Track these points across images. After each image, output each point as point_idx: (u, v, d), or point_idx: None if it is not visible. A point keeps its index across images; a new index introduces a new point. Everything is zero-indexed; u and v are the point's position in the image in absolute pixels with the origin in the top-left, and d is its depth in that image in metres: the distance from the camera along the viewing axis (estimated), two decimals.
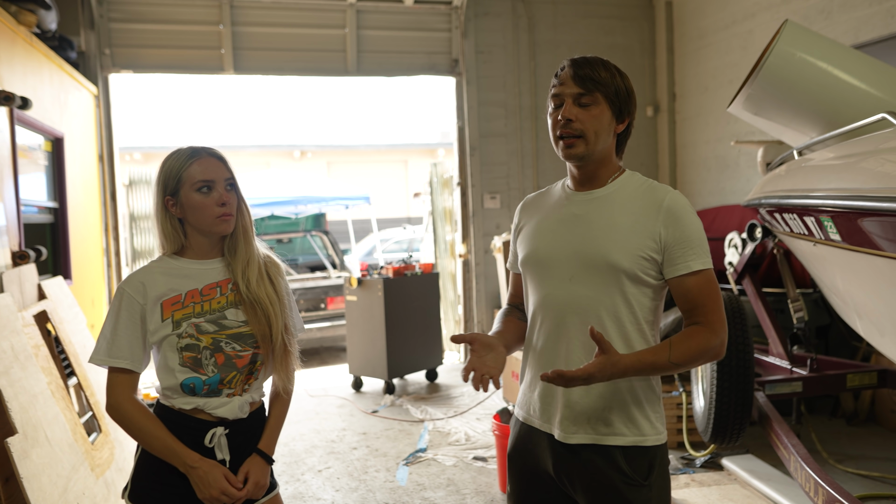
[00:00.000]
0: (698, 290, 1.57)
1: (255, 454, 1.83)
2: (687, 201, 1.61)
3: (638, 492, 1.58)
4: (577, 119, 1.59)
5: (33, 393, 3.05)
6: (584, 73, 1.59)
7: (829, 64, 2.79)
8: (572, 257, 1.62)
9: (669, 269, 1.58)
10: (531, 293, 1.72)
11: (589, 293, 1.60)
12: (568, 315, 1.62)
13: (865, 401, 4.59)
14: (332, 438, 4.79)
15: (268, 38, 6.30)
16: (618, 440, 1.60)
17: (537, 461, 1.70)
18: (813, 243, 2.59)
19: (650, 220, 1.57)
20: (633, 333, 1.60)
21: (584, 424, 1.61)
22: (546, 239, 1.68)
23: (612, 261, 1.57)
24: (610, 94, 1.60)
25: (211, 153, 1.80)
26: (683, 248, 1.56)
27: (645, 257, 1.57)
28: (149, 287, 1.75)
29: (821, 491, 2.54)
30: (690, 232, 1.57)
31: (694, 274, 1.56)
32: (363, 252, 11.83)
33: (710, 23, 6.43)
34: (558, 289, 1.63)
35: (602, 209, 1.63)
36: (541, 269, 1.67)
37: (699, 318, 1.57)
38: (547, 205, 1.75)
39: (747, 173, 6.02)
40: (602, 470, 1.59)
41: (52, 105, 4.56)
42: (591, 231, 1.61)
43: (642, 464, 1.59)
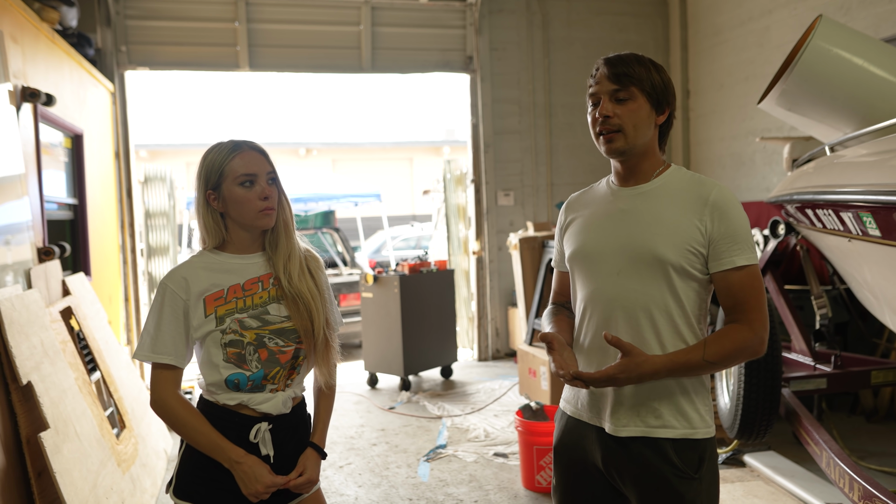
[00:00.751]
0: (741, 286, 1.57)
1: (311, 448, 1.83)
2: (734, 196, 1.60)
3: (689, 484, 1.58)
4: (615, 114, 1.60)
5: (63, 388, 3.06)
6: (619, 71, 1.60)
7: (864, 59, 2.79)
8: (620, 251, 1.62)
9: (714, 264, 1.58)
10: (579, 289, 1.72)
11: (637, 287, 1.60)
12: (616, 310, 1.62)
13: (885, 398, 4.59)
14: (350, 435, 4.80)
15: (283, 35, 6.30)
16: (668, 433, 1.59)
17: (585, 454, 1.70)
18: (848, 239, 2.59)
19: (696, 214, 1.58)
20: (683, 327, 1.60)
21: (635, 417, 1.61)
22: (593, 234, 1.69)
23: (660, 254, 1.57)
24: (646, 88, 1.61)
25: (252, 147, 1.79)
26: (729, 243, 1.56)
27: (692, 251, 1.57)
28: (191, 282, 1.74)
29: (856, 486, 2.54)
30: (737, 227, 1.57)
31: (738, 269, 1.56)
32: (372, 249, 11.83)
33: (725, 19, 6.42)
34: (606, 283, 1.64)
35: (649, 204, 1.63)
36: (588, 264, 1.68)
37: (738, 316, 1.57)
38: (592, 202, 1.76)
39: (763, 170, 6.02)
40: (652, 463, 1.59)
41: (73, 102, 4.57)
42: (639, 225, 1.61)
43: (693, 457, 1.59)
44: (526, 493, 3.72)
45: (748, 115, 6.14)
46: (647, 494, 1.61)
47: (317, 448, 1.85)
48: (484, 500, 3.64)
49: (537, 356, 5.24)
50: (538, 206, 6.95)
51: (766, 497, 3.47)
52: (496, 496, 3.68)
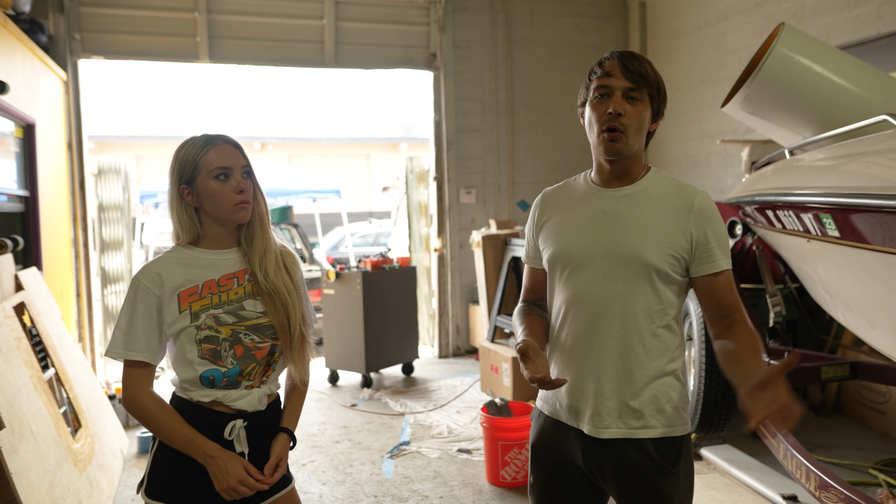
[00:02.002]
0: (728, 289, 1.63)
1: (282, 433, 1.82)
2: (713, 202, 1.65)
3: (667, 479, 1.62)
4: (626, 114, 1.59)
5: (17, 386, 2.96)
6: (634, 68, 1.59)
7: (824, 67, 2.90)
8: (605, 255, 1.63)
9: (698, 268, 1.62)
10: (560, 290, 1.72)
11: (622, 290, 1.61)
12: (601, 313, 1.63)
13: (832, 392, 4.78)
14: (312, 432, 4.76)
15: (244, 27, 6.19)
16: (649, 433, 1.63)
17: (564, 452, 1.72)
18: (807, 239, 2.69)
19: (681, 220, 1.61)
20: (662, 329, 1.64)
21: (616, 419, 1.63)
22: (576, 235, 1.68)
23: (646, 259, 1.59)
24: (653, 93, 1.62)
25: (226, 140, 1.77)
26: (713, 248, 1.61)
27: (675, 256, 1.60)
28: (165, 278, 1.71)
29: (813, 476, 2.65)
30: (719, 232, 1.62)
31: (722, 273, 1.62)
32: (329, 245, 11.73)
33: (683, 24, 6.58)
34: (591, 286, 1.64)
35: (633, 207, 1.64)
36: (572, 267, 1.67)
37: (737, 316, 1.63)
38: (570, 200, 1.74)
39: (718, 172, 6.19)
40: (633, 459, 1.63)
41: (25, 90, 4.40)
42: (625, 229, 1.62)
43: (671, 452, 1.63)
44: (490, 488, 3.75)
45: (704, 118, 6.30)
46: (627, 490, 1.64)
47: (289, 433, 1.84)
48: (449, 495, 3.66)
49: (499, 353, 5.28)
50: (500, 205, 7.00)
51: (722, 489, 3.58)
52: (461, 492, 3.71)
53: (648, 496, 1.63)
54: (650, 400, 1.63)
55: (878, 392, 4.35)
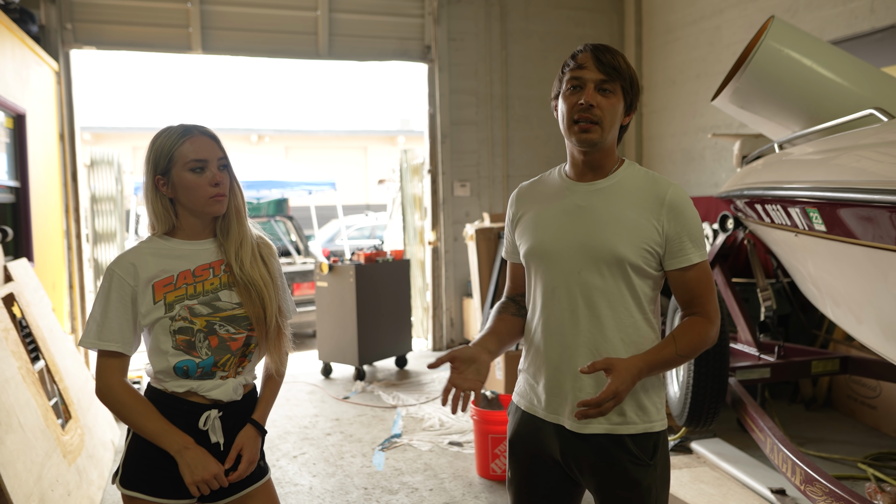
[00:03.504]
0: (697, 282, 1.63)
1: (249, 424, 1.81)
2: (687, 194, 1.65)
3: (644, 471, 1.63)
4: (598, 105, 1.58)
5: (5, 377, 2.95)
6: (607, 60, 1.59)
7: (813, 61, 2.89)
8: (579, 250, 1.63)
9: (670, 262, 1.63)
10: (535, 285, 1.72)
11: (598, 285, 1.62)
12: (577, 308, 1.64)
13: (823, 387, 4.79)
14: (304, 424, 4.76)
15: (237, 18, 6.16)
16: (630, 428, 1.64)
17: (542, 446, 1.72)
18: (795, 234, 2.69)
19: (653, 214, 1.61)
20: (640, 321, 1.65)
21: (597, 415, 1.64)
22: (550, 231, 1.68)
23: (619, 254, 1.60)
24: (626, 86, 1.61)
25: (203, 131, 1.76)
26: (684, 242, 1.61)
27: (648, 250, 1.61)
28: (140, 268, 1.70)
29: (798, 471, 2.66)
30: (691, 226, 1.62)
31: (693, 266, 1.62)
32: (325, 238, 11.71)
33: (678, 17, 6.56)
34: (566, 281, 1.65)
35: (606, 201, 1.64)
36: (547, 262, 1.68)
37: (697, 309, 1.64)
38: (545, 194, 1.74)
39: (712, 166, 6.18)
40: (611, 452, 1.63)
41: (14, 80, 4.38)
42: (598, 224, 1.62)
43: (648, 445, 1.65)
44: (481, 480, 3.76)
45: (699, 112, 6.29)
46: (605, 482, 1.65)
47: (256, 425, 1.82)
48: (439, 488, 3.67)
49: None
50: (494, 198, 6.99)
51: (712, 482, 3.59)
52: (451, 484, 3.71)
53: (626, 489, 1.64)
54: (631, 395, 1.63)
55: (868, 387, 4.36)
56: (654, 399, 1.66)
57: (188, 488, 1.70)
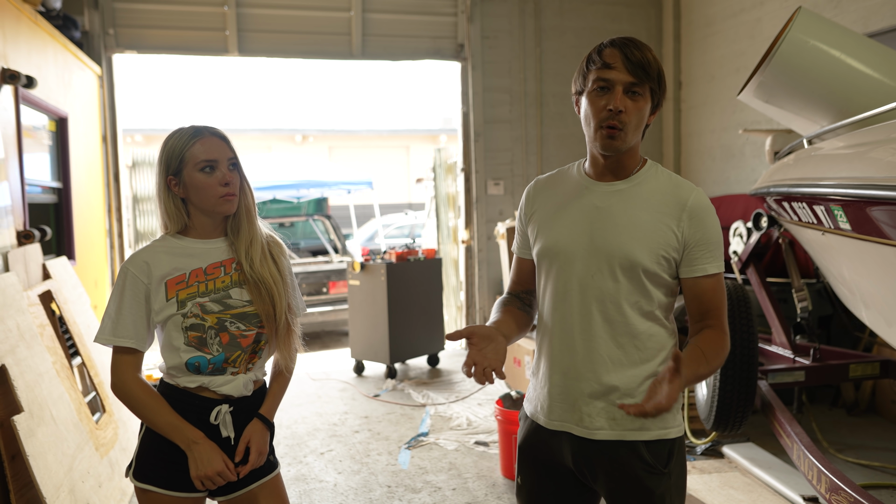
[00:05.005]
0: (712, 293, 1.57)
1: (256, 419, 1.84)
2: (709, 201, 1.58)
3: (658, 479, 1.58)
4: (627, 111, 1.50)
5: (39, 372, 3.06)
6: (637, 59, 1.49)
7: (842, 52, 2.77)
8: (595, 252, 1.57)
9: (686, 270, 1.57)
10: (547, 285, 1.66)
11: (611, 289, 1.56)
12: (590, 311, 1.58)
13: (866, 391, 4.60)
14: (334, 422, 4.81)
15: (272, 21, 6.26)
16: (644, 435, 1.58)
17: (552, 453, 1.67)
18: (822, 232, 2.59)
19: (673, 219, 1.55)
20: (656, 329, 1.59)
21: (610, 420, 1.59)
22: (566, 230, 1.62)
23: (635, 259, 1.54)
24: (655, 87, 1.53)
25: (213, 132, 1.79)
26: (702, 250, 1.55)
27: (665, 256, 1.55)
28: (153, 266, 1.75)
29: (824, 479, 2.56)
30: (711, 234, 1.56)
31: (709, 277, 1.56)
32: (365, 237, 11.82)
33: (717, 10, 6.39)
34: (579, 284, 1.59)
35: (625, 203, 1.58)
36: (561, 262, 1.62)
37: (712, 321, 1.58)
38: (562, 191, 1.68)
39: (752, 163, 6.01)
40: (624, 459, 1.59)
41: (57, 85, 4.54)
42: (615, 227, 1.56)
43: (663, 453, 1.59)
44: (504, 481, 3.73)
45: (738, 107, 6.12)
46: (617, 490, 1.60)
47: (263, 419, 1.85)
48: (462, 487, 3.66)
49: (521, 346, 5.25)
50: None
51: (742, 488, 3.49)
52: (474, 484, 3.70)
53: (640, 497, 1.58)
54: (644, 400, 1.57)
55: None
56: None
57: (193, 482, 1.73)
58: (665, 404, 1.36)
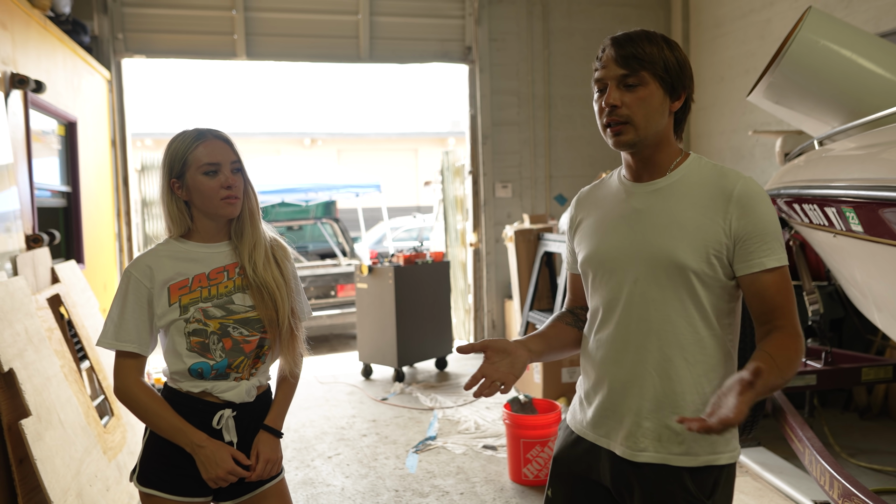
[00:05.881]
0: (776, 290, 1.41)
1: (263, 430, 1.83)
2: (761, 188, 1.44)
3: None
4: (623, 104, 1.44)
5: (47, 376, 3.06)
6: (627, 52, 1.43)
7: (853, 52, 2.74)
8: (636, 258, 1.48)
9: (741, 266, 1.42)
10: (592, 296, 1.59)
11: (657, 296, 1.45)
12: (635, 322, 1.48)
13: (879, 395, 4.55)
14: (341, 425, 4.80)
15: (280, 24, 6.27)
16: (690, 461, 1.46)
17: (589, 470, 1.59)
18: (833, 234, 2.56)
19: (720, 212, 1.42)
20: (707, 338, 1.46)
21: (655, 442, 1.48)
22: (607, 238, 1.54)
23: (679, 260, 1.43)
24: (658, 71, 1.43)
25: (217, 135, 1.79)
26: (758, 243, 1.40)
27: (715, 255, 1.43)
28: (156, 271, 1.74)
29: (836, 484, 2.52)
30: (765, 224, 1.41)
31: (769, 272, 1.41)
32: (373, 240, 11.83)
33: (727, 11, 6.35)
34: (622, 293, 1.50)
35: (666, 202, 1.48)
36: (602, 271, 1.54)
37: (780, 322, 1.41)
38: (604, 199, 1.61)
39: (762, 164, 5.96)
40: (664, 486, 1.47)
41: (66, 89, 4.56)
42: (655, 228, 1.47)
43: (708, 481, 1.46)
44: (512, 485, 3.71)
45: (748, 109, 6.08)
46: None
47: (269, 429, 1.85)
48: (470, 492, 3.64)
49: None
50: (536, 199, 6.92)
51: (752, 493, 3.45)
52: (482, 488, 3.68)
53: None
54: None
55: None
56: None
57: (207, 484, 1.74)
58: (732, 419, 1.16)
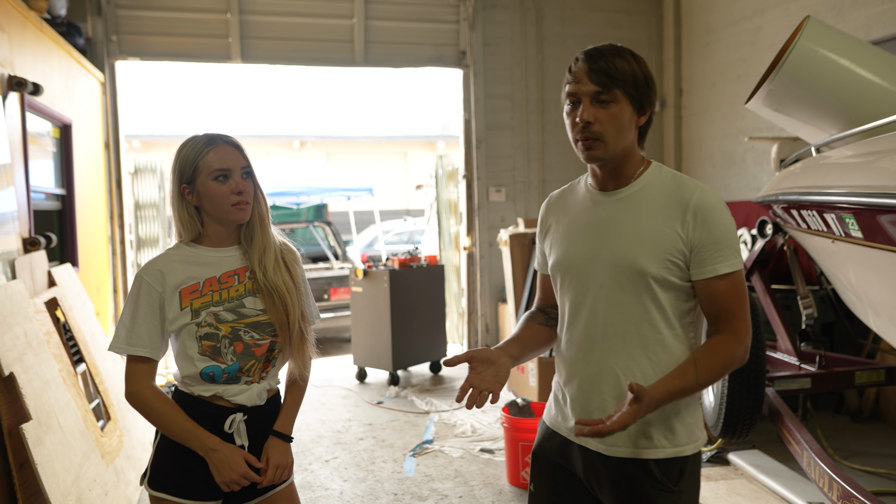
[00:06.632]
0: (724, 295, 1.51)
1: (273, 436, 1.84)
2: (717, 198, 1.53)
3: (667, 497, 1.55)
4: (597, 120, 1.50)
5: (46, 380, 3.04)
6: (600, 68, 1.50)
7: (851, 61, 2.79)
8: (601, 264, 1.57)
9: (696, 272, 1.52)
10: (561, 300, 1.68)
11: (621, 300, 1.54)
12: (601, 324, 1.57)
13: (870, 398, 4.62)
14: (337, 429, 4.80)
15: (275, 28, 6.27)
16: (657, 453, 1.55)
17: (565, 462, 1.68)
18: (831, 240, 2.60)
19: (678, 220, 1.51)
20: (670, 339, 1.55)
21: (625, 438, 1.56)
22: (575, 244, 1.63)
23: (641, 267, 1.52)
24: (629, 89, 1.51)
25: (227, 141, 1.80)
26: (711, 250, 1.50)
27: (673, 261, 1.52)
28: (167, 275, 1.75)
29: (835, 486, 2.56)
30: (719, 232, 1.50)
31: (721, 278, 1.50)
32: (364, 243, 11.82)
33: (718, 18, 6.43)
34: (589, 297, 1.59)
35: (628, 211, 1.56)
36: (570, 276, 1.63)
37: (724, 325, 1.52)
38: (573, 205, 1.69)
39: (753, 170, 6.03)
40: (633, 476, 1.56)
41: (61, 91, 4.53)
42: (619, 236, 1.55)
43: (674, 470, 1.56)
44: (511, 489, 3.73)
45: (740, 115, 6.15)
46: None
47: (279, 435, 1.85)
48: (468, 495, 3.65)
49: None
50: (530, 203, 6.95)
51: (749, 495, 3.49)
52: (481, 492, 3.69)
53: None
54: (660, 418, 1.54)
55: None
56: (686, 420, 1.57)
57: (220, 487, 1.74)
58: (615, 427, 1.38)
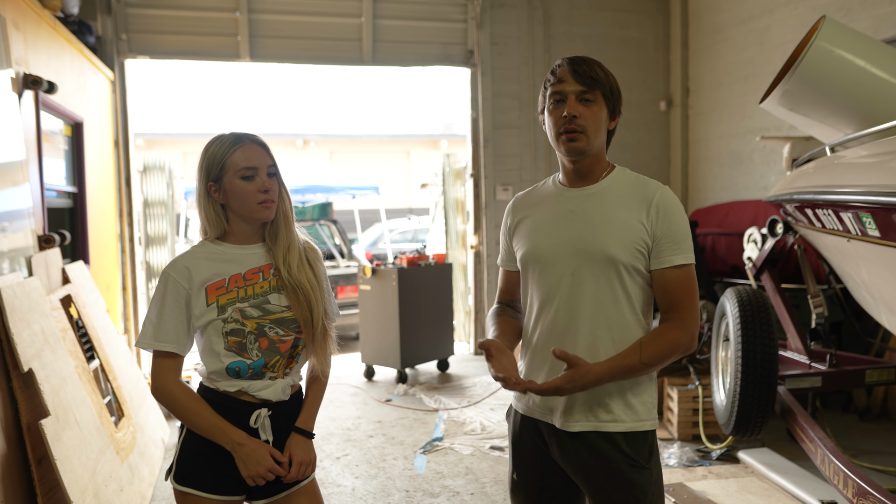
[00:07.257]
0: (677, 285, 1.65)
1: (295, 433, 1.85)
2: (676, 198, 1.69)
3: (640, 473, 1.66)
4: (581, 115, 1.64)
5: (63, 376, 3.07)
6: (584, 71, 1.64)
7: (866, 61, 2.81)
8: (572, 252, 1.68)
9: (655, 261, 1.66)
10: (533, 289, 1.77)
11: (591, 286, 1.66)
12: (571, 309, 1.68)
13: (878, 396, 4.63)
14: (347, 426, 4.82)
15: (284, 26, 6.29)
16: (618, 426, 1.67)
17: (542, 448, 1.76)
18: (847, 239, 2.61)
19: (643, 213, 1.65)
20: (633, 323, 1.68)
21: (586, 412, 1.67)
22: (545, 235, 1.73)
23: (611, 254, 1.64)
24: (606, 92, 1.67)
25: (254, 140, 1.82)
26: (669, 243, 1.64)
27: (639, 249, 1.65)
28: (193, 272, 1.77)
29: (850, 483, 2.57)
30: (678, 227, 1.65)
31: (676, 268, 1.64)
32: (369, 242, 11.84)
33: (726, 18, 6.44)
34: (560, 283, 1.69)
35: (598, 204, 1.69)
36: (542, 266, 1.72)
37: (673, 314, 1.66)
38: (541, 201, 1.80)
39: (761, 169, 6.04)
40: (605, 453, 1.66)
41: (73, 90, 4.55)
42: (590, 226, 1.67)
43: (643, 448, 1.67)
44: None
45: (747, 114, 6.16)
46: (599, 484, 1.67)
47: (301, 431, 1.87)
48: (480, 492, 3.67)
49: None
50: None
51: (760, 493, 3.50)
52: (492, 489, 3.71)
53: (621, 490, 1.65)
54: (619, 394, 1.67)
55: None
56: (643, 398, 1.69)
57: (245, 482, 1.76)
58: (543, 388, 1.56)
